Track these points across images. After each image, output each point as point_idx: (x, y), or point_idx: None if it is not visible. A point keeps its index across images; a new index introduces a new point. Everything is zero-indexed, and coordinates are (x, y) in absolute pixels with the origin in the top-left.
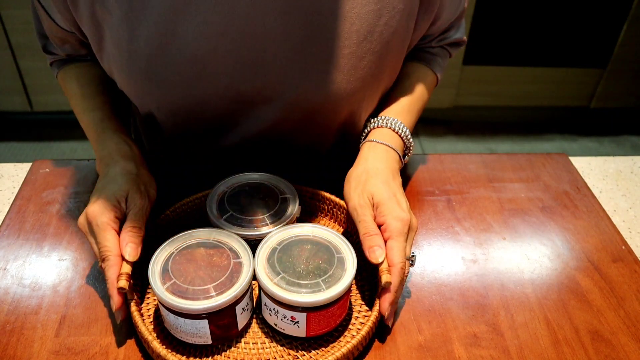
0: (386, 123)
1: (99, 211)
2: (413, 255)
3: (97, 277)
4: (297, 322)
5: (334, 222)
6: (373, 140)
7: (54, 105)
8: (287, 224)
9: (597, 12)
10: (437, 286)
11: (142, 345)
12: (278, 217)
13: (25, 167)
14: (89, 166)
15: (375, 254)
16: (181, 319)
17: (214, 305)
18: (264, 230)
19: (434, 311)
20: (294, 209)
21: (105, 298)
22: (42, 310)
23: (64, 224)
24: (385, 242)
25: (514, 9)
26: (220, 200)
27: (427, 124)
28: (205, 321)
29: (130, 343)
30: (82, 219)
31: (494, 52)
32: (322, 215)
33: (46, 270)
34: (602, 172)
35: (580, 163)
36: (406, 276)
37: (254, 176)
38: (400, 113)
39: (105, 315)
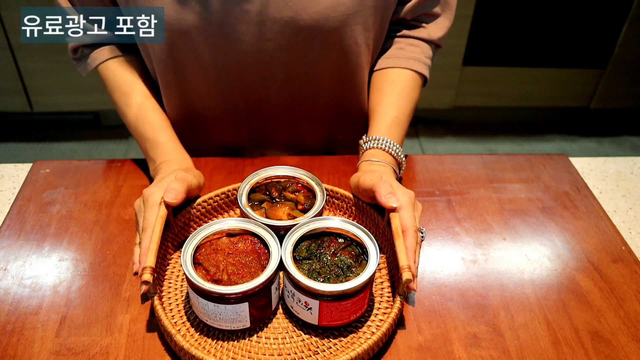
0: (378, 144)
1: (152, 191)
2: (422, 229)
3: (97, 277)
4: (310, 308)
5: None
6: (369, 160)
7: (54, 106)
8: (314, 217)
9: (597, 12)
10: (437, 286)
11: (142, 345)
12: (305, 210)
13: (26, 167)
14: (89, 167)
15: (393, 199)
16: (222, 306)
17: (253, 286)
18: (291, 221)
19: (434, 311)
20: (321, 203)
21: (105, 298)
22: (43, 310)
23: (65, 224)
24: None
25: (513, 9)
26: (252, 191)
27: (427, 124)
28: (246, 304)
29: (130, 343)
30: (138, 201)
31: (494, 53)
32: (341, 214)
33: (46, 270)
34: (602, 172)
35: (580, 164)
36: (419, 246)
37: (285, 170)
38: (389, 128)
39: (105, 315)
